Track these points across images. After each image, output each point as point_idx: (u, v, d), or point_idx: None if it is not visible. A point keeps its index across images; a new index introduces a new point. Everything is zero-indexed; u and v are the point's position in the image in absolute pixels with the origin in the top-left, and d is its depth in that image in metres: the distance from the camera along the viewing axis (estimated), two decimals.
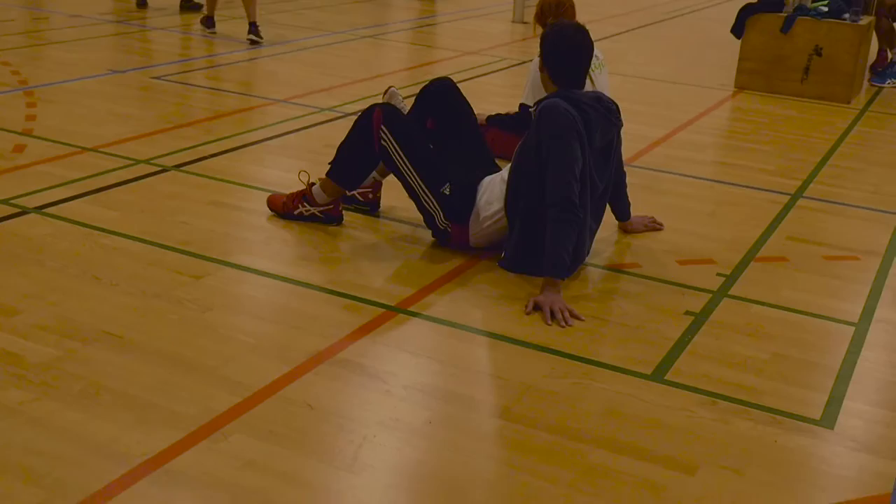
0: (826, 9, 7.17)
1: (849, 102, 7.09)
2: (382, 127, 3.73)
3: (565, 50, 3.63)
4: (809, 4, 7.26)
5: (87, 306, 3.21)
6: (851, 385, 2.98)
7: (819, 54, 7.10)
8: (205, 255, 3.68)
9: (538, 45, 3.76)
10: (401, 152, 3.73)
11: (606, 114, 3.62)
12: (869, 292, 3.72)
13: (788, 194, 4.90)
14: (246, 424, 2.57)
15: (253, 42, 7.90)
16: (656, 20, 10.87)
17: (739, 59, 7.39)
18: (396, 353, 3.04)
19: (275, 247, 3.87)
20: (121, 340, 2.99)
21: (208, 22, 8.36)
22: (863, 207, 4.78)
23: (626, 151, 4.43)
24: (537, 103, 3.62)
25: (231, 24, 8.81)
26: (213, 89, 6.43)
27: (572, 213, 3.43)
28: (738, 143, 5.97)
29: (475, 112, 4.31)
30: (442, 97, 4.13)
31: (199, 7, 8.95)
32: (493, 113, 5.32)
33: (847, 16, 7.12)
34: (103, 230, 3.87)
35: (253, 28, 7.96)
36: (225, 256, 3.70)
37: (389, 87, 4.58)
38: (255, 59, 7.45)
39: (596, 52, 4.70)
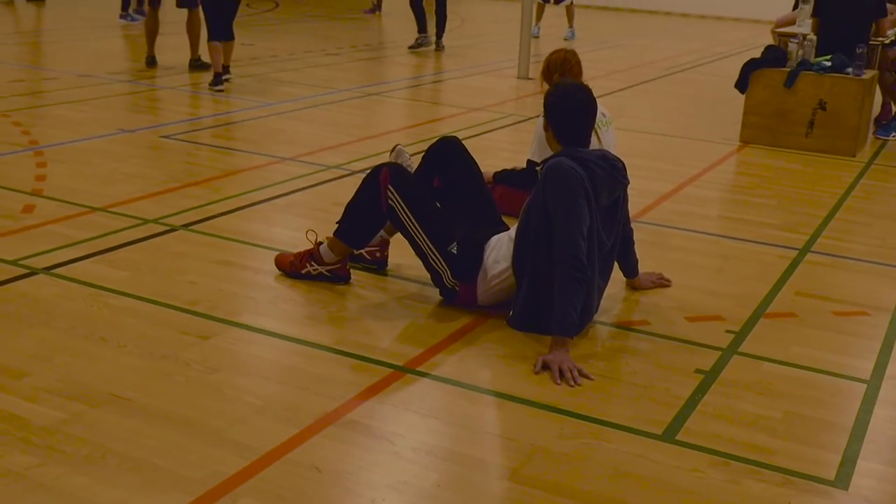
0: (829, 63, 7.22)
1: (854, 156, 7.12)
2: (390, 186, 3.75)
3: (569, 109, 3.66)
4: (812, 59, 7.32)
5: (94, 368, 3.20)
6: (865, 444, 2.95)
7: (823, 108, 7.14)
8: (212, 315, 3.68)
9: (543, 102, 3.79)
10: (408, 212, 3.75)
11: (612, 172, 3.63)
12: (880, 348, 3.70)
13: (796, 249, 4.89)
14: (254, 488, 2.54)
15: (227, 78, 8.76)
16: (660, 75, 10.95)
17: (744, 114, 7.43)
18: (404, 414, 3.02)
19: (282, 306, 3.87)
20: (128, 403, 2.98)
21: (216, 80, 8.50)
22: (871, 262, 4.77)
23: (633, 207, 4.44)
24: (543, 162, 3.64)
25: (239, 82, 8.90)
26: (220, 148, 6.48)
27: (580, 271, 3.43)
28: (744, 198, 5.98)
29: (482, 169, 4.33)
30: (448, 156, 4.15)
31: (207, 66, 9.04)
32: (500, 169, 5.35)
33: (850, 70, 7.17)
34: (111, 290, 3.87)
35: (226, 69, 8.73)
36: (232, 316, 3.70)
37: (396, 146, 4.61)
38: (262, 117, 7.51)
39: (603, 109, 4.76)
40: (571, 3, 14.05)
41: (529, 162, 5.08)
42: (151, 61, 9.48)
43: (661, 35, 15.84)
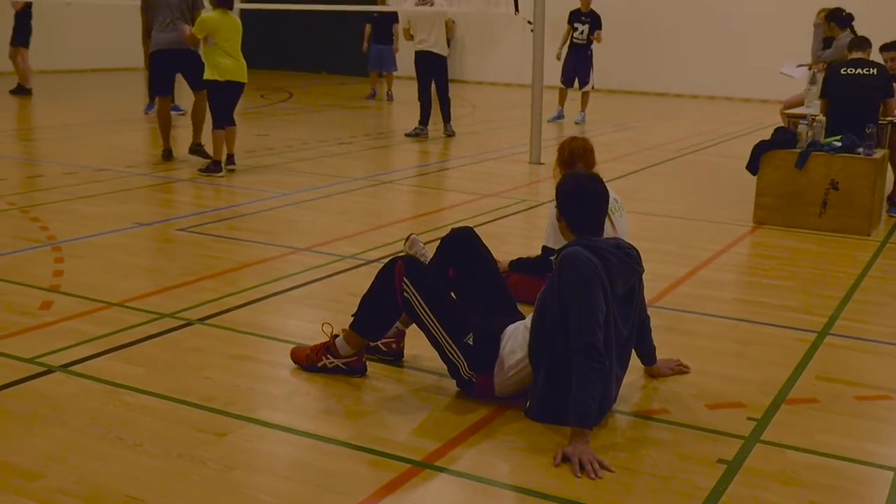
0: (839, 144, 7.26)
1: (868, 235, 7.11)
2: (405, 279, 3.76)
3: (582, 200, 3.68)
4: (822, 140, 7.37)
5: (110, 469, 3.18)
6: None
7: (836, 188, 7.16)
8: (228, 412, 3.66)
9: (555, 193, 3.81)
10: (424, 304, 3.75)
11: (627, 260, 3.64)
12: None
13: (814, 332, 4.86)
14: None
15: (232, 168, 8.94)
16: (671, 157, 11.03)
17: (756, 195, 7.45)
18: None
19: (298, 401, 3.85)
20: None
21: (215, 167, 8.75)
22: (891, 343, 4.73)
23: (649, 292, 4.43)
24: (558, 251, 3.65)
25: (254, 172, 9.01)
26: (236, 239, 6.52)
27: (598, 361, 3.41)
28: (759, 280, 5.97)
29: (497, 257, 4.35)
30: (462, 246, 4.17)
31: (208, 154, 9.17)
32: (516, 257, 5.35)
33: (861, 150, 7.21)
34: (127, 387, 3.87)
35: (230, 159, 8.94)
36: (248, 412, 3.68)
37: (410, 235, 4.64)
38: (277, 207, 7.58)
39: (615, 195, 4.79)
40: (591, 88, 14.27)
41: (544, 248, 5.09)
42: (168, 153, 9.60)
43: (672, 116, 16.02)
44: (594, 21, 14.17)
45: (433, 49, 11.72)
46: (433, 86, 11.92)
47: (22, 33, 15.43)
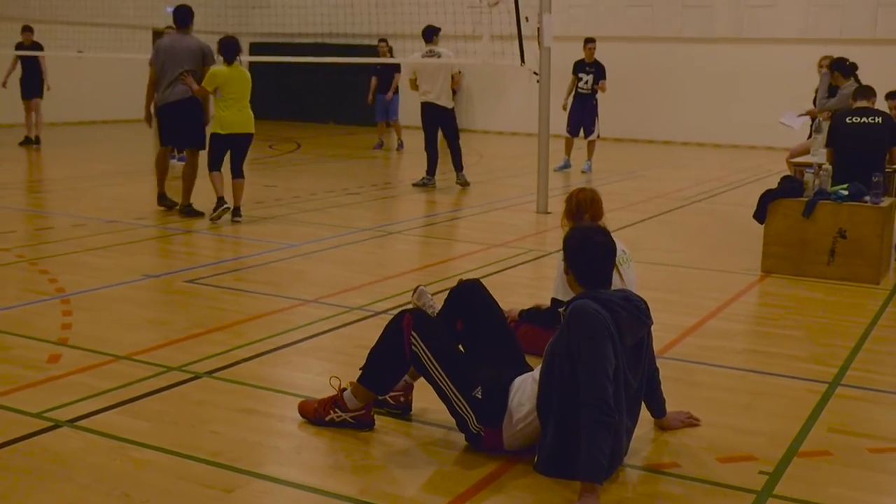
0: (846, 192, 7.26)
1: (878, 283, 7.08)
2: (413, 333, 3.75)
3: (589, 254, 3.68)
4: (829, 188, 7.37)
5: None
6: None
7: (843, 237, 7.15)
8: (235, 467, 3.64)
9: (562, 246, 3.81)
10: (432, 358, 3.74)
11: (636, 313, 3.62)
12: None
13: (825, 382, 4.82)
14: None
15: (238, 220, 9.05)
16: (678, 205, 11.05)
17: (764, 244, 7.44)
18: None
19: (306, 456, 3.83)
20: None
21: (162, 199, 9.24)
22: None
23: (657, 342, 4.41)
24: (567, 304, 3.64)
25: (262, 224, 9.04)
26: (244, 291, 6.53)
27: (607, 414, 3.38)
28: (769, 330, 5.94)
29: (505, 308, 4.34)
30: (470, 299, 4.17)
31: (199, 214, 9.27)
32: (524, 308, 5.34)
33: (868, 198, 7.21)
34: (134, 443, 3.85)
35: (237, 211, 9.08)
36: (256, 467, 3.65)
37: (418, 286, 4.64)
38: (285, 259, 7.60)
39: (622, 246, 4.79)
40: (597, 137, 14.38)
41: (553, 300, 5.07)
42: (162, 199, 9.65)
43: (678, 165, 16.07)
44: (598, 71, 14.32)
45: (437, 101, 11.81)
46: (440, 136, 12.00)
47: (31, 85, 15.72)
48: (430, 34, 12.01)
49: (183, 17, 9.54)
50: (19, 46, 15.95)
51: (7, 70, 15.81)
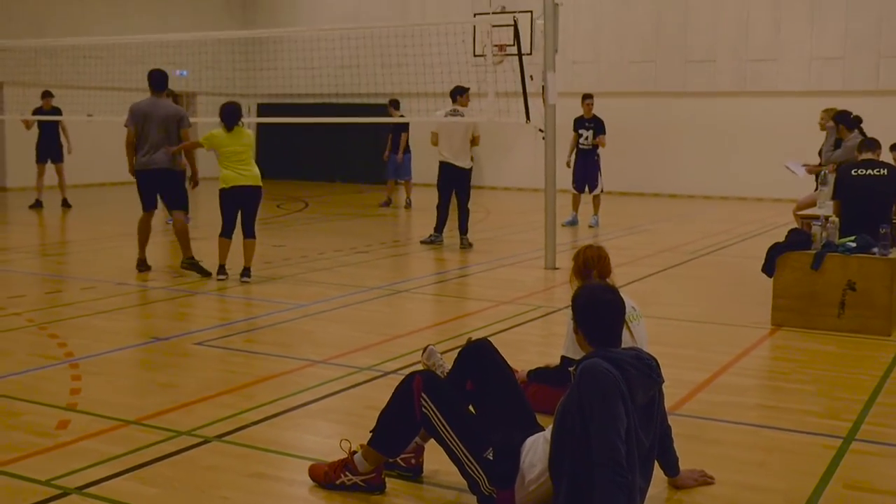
0: (854, 244, 7.26)
1: (889, 335, 7.05)
2: (423, 395, 3.74)
3: (598, 313, 3.68)
4: (837, 240, 7.37)
5: None
6: None
7: (853, 289, 7.13)
8: None
9: (571, 305, 3.81)
10: (442, 419, 3.72)
11: (647, 371, 3.61)
12: None
13: (839, 437, 4.78)
14: None
15: (246, 281, 9.11)
16: (686, 259, 11.04)
17: (774, 297, 7.42)
18: None
19: None
20: None
21: (142, 264, 9.57)
22: None
23: (669, 398, 4.38)
24: (577, 363, 3.63)
25: (271, 284, 9.06)
26: (253, 352, 6.52)
27: (620, 474, 3.35)
28: (781, 384, 5.90)
29: (515, 367, 4.32)
30: (480, 359, 4.16)
31: (205, 272, 9.40)
32: (534, 367, 5.32)
33: (876, 250, 7.20)
34: None
35: (246, 272, 9.15)
36: None
37: (428, 346, 4.64)
38: (294, 319, 7.60)
39: (632, 303, 4.79)
40: (601, 192, 14.46)
41: (563, 358, 5.05)
42: (142, 265, 9.75)
43: (685, 218, 16.10)
44: (597, 126, 14.45)
45: (454, 161, 11.81)
46: (453, 196, 11.99)
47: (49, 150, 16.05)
48: (456, 94, 12.03)
49: (158, 81, 9.79)
50: (38, 111, 16.20)
51: (28, 126, 16.17)
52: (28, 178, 17.75)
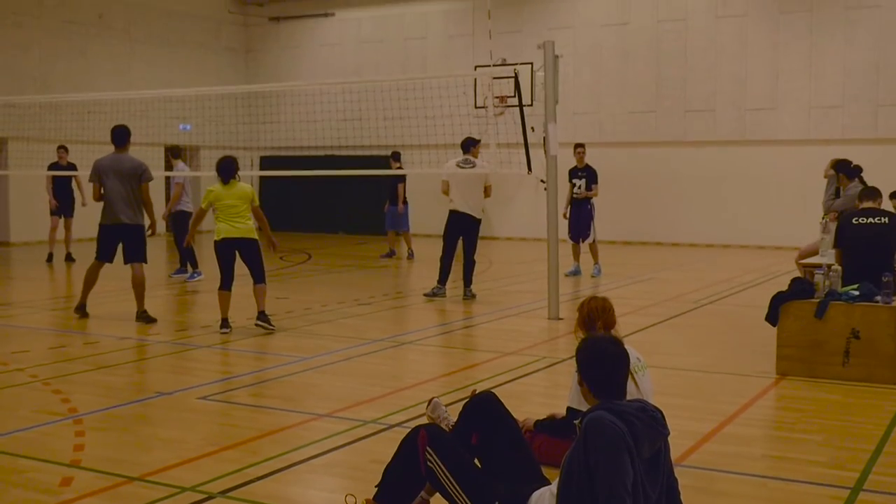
0: (857, 292, 7.27)
1: (894, 384, 7.02)
2: (428, 449, 3.74)
3: (601, 365, 3.68)
4: (840, 289, 7.38)
5: None
6: None
7: (857, 337, 7.13)
8: None
9: (575, 357, 3.81)
10: (448, 474, 3.71)
11: (652, 423, 3.60)
12: None
13: (847, 488, 4.75)
14: None
15: (261, 327, 9.21)
16: (689, 308, 11.04)
17: (778, 346, 7.42)
18: None
19: None
20: None
21: (81, 309, 9.97)
22: None
23: (675, 449, 4.36)
24: (583, 416, 3.62)
25: (273, 338, 9.06)
26: (257, 406, 6.51)
27: None
28: (787, 435, 5.88)
29: (519, 419, 4.31)
30: (485, 412, 4.16)
31: (152, 320, 9.81)
32: (539, 418, 5.31)
33: (879, 298, 7.21)
34: None
35: (261, 315, 9.25)
36: None
37: (432, 399, 4.64)
38: (297, 372, 7.59)
39: (636, 354, 4.79)
40: (594, 241, 14.48)
41: (569, 410, 5.04)
42: (81, 309, 10.19)
43: (687, 267, 16.12)
44: (590, 175, 14.53)
45: (465, 210, 11.76)
46: (459, 246, 11.92)
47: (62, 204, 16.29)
48: (470, 145, 12.03)
49: (120, 136, 10.22)
50: (53, 166, 16.37)
51: (48, 188, 16.35)
52: (31, 233, 17.88)
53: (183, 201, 13.89)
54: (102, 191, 9.99)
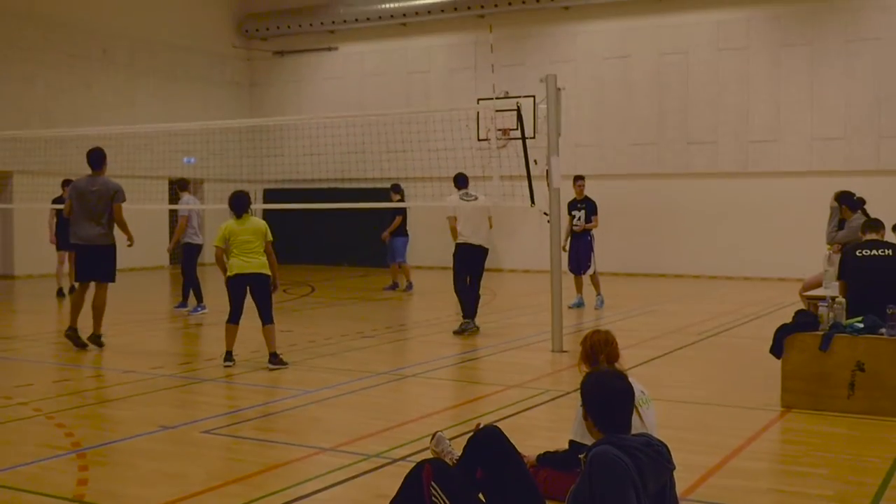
0: (861, 325, 7.26)
1: None
2: (433, 483, 3.73)
3: (606, 400, 3.68)
4: (844, 321, 7.37)
5: None
6: None
7: (862, 370, 7.11)
8: None
9: (580, 391, 3.81)
10: None
11: (657, 458, 3.59)
12: None
13: None
14: None
15: (273, 368, 9.09)
16: (693, 341, 11.03)
17: (783, 379, 7.40)
18: None
19: None
20: None
21: (71, 332, 10.15)
22: None
23: (680, 484, 4.35)
24: (588, 450, 3.62)
25: (277, 372, 9.04)
26: (261, 440, 6.49)
27: None
28: (793, 468, 5.85)
29: (524, 452, 4.30)
30: (489, 447, 4.15)
31: (103, 344, 10.16)
32: (543, 452, 5.28)
33: (884, 330, 7.20)
34: None
35: (273, 357, 9.17)
36: None
37: (436, 433, 4.62)
38: (301, 406, 7.57)
39: (641, 387, 4.78)
40: (594, 272, 14.48)
41: (572, 443, 5.02)
42: (70, 332, 10.35)
43: (691, 299, 16.11)
44: (589, 207, 14.56)
45: (478, 242, 11.72)
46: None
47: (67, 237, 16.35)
48: (464, 180, 12.08)
49: (96, 160, 10.58)
50: (59, 200, 16.42)
51: (49, 224, 16.43)
52: (36, 266, 17.91)
53: (189, 234, 13.91)
54: (75, 212, 10.35)
